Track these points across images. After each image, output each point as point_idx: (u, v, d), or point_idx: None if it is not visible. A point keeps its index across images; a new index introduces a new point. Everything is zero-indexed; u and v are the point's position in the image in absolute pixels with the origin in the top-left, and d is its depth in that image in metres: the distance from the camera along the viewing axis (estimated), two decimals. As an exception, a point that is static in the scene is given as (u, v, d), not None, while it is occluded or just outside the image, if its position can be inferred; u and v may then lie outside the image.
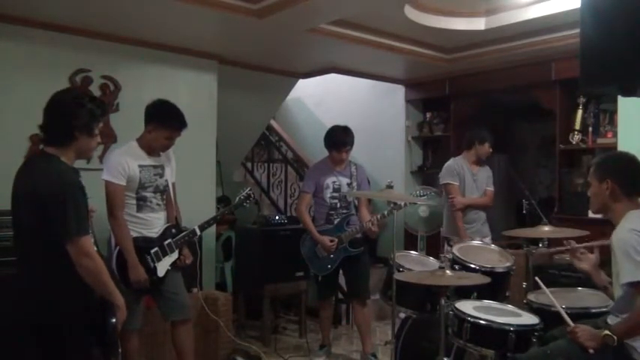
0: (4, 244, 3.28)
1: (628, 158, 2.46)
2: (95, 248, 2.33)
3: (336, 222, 4.04)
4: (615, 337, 2.17)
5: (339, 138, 4.02)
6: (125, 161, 3.10)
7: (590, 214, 4.61)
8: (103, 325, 2.23)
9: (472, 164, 4.51)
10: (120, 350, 2.30)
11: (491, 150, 4.52)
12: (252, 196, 3.62)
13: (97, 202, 2.93)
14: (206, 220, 3.39)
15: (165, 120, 3.16)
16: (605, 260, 4.13)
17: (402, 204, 3.79)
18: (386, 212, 3.91)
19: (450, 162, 4.58)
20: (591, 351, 2.20)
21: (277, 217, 4.93)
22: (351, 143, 4.05)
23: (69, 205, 2.14)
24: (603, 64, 2.12)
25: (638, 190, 2.41)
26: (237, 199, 3.61)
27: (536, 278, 2.83)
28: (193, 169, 4.45)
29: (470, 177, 4.47)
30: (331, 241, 3.94)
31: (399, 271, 3.19)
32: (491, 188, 4.51)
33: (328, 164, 4.11)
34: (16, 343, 2.30)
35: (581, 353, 2.23)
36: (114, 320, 2.24)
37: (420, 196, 4.44)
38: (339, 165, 4.08)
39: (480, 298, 3.01)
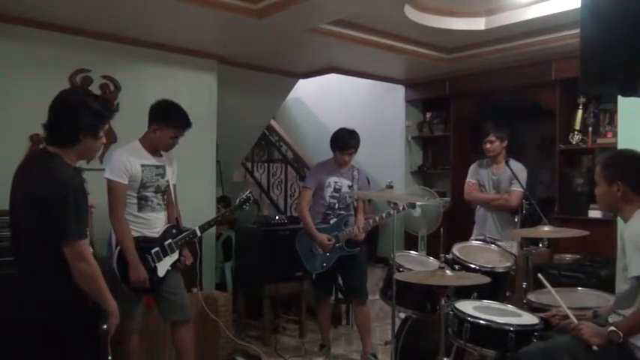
0: (4, 244, 3.28)
1: (634, 157, 2.44)
2: (91, 250, 2.31)
3: (332, 222, 4.04)
4: (621, 334, 2.17)
5: (343, 140, 4.03)
6: (128, 160, 3.11)
7: (590, 214, 4.65)
8: (96, 330, 2.19)
9: (493, 164, 4.22)
10: (110, 358, 2.26)
11: (491, 145, 4.13)
12: (252, 198, 3.62)
13: (96, 203, 2.94)
14: (206, 221, 3.40)
15: (170, 119, 3.17)
16: (604, 262, 4.15)
17: (401, 207, 3.78)
18: (384, 214, 3.92)
19: (476, 162, 4.42)
20: (595, 348, 2.20)
21: (277, 217, 4.93)
22: (356, 146, 4.05)
23: (69, 207, 2.09)
24: (603, 64, 2.11)
25: None
26: (237, 201, 3.62)
27: (539, 275, 2.83)
28: (193, 169, 4.45)
29: (486, 177, 4.25)
30: (329, 239, 3.95)
31: (399, 271, 3.19)
32: (516, 189, 4.05)
33: (332, 164, 4.13)
34: (13, 345, 2.26)
35: (585, 350, 2.22)
36: (105, 327, 2.20)
37: (419, 200, 4.39)
38: (342, 166, 4.09)
39: (480, 298, 3.01)
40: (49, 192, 2.12)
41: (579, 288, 3.21)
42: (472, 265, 3.27)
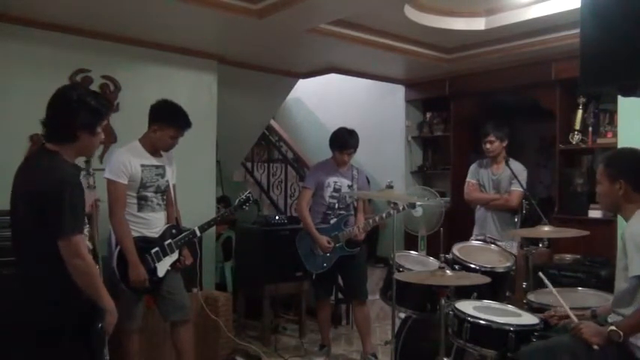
0: (4, 244, 3.28)
1: (639, 156, 2.44)
2: (91, 246, 2.32)
3: (332, 222, 4.04)
4: (621, 333, 2.16)
5: (343, 139, 4.03)
6: (128, 160, 3.11)
7: (590, 214, 4.65)
8: (91, 329, 2.20)
9: (493, 164, 4.22)
10: (107, 358, 2.27)
11: (491, 145, 4.12)
12: (251, 198, 3.62)
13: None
14: (206, 222, 3.40)
15: (171, 119, 3.18)
16: (604, 262, 4.15)
17: (401, 207, 3.78)
18: (384, 215, 3.91)
19: (476, 161, 4.42)
20: (596, 347, 2.20)
21: (277, 217, 4.93)
22: (355, 146, 4.05)
23: (65, 204, 2.10)
24: (603, 64, 2.12)
25: None
26: (237, 201, 3.62)
27: (540, 274, 2.83)
28: (193, 169, 4.45)
29: (486, 176, 4.24)
30: (329, 242, 3.94)
31: (399, 271, 3.19)
32: (516, 188, 4.05)
33: (331, 164, 4.12)
34: (12, 345, 2.26)
35: (585, 350, 2.22)
36: (101, 325, 2.20)
37: (419, 200, 4.38)
38: (342, 166, 4.09)
39: (480, 298, 3.01)
40: (48, 190, 2.12)
41: (579, 288, 3.21)
42: (472, 265, 3.27)
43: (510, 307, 2.86)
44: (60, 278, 2.14)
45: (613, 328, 2.19)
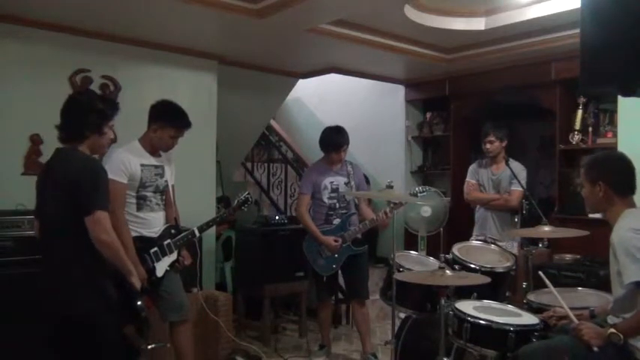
0: (4, 243, 3.28)
1: (617, 158, 2.46)
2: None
3: (335, 222, 4.04)
4: (621, 335, 2.16)
5: (335, 139, 4.02)
6: (127, 159, 3.11)
7: (590, 214, 4.64)
8: (131, 305, 2.51)
9: (493, 164, 4.24)
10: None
11: (491, 145, 4.14)
12: (250, 199, 3.62)
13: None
14: (205, 222, 3.40)
15: (171, 119, 3.19)
16: (604, 262, 4.14)
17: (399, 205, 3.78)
18: (388, 209, 3.90)
19: (476, 162, 4.44)
20: (595, 349, 2.20)
21: (277, 217, 4.93)
22: (347, 142, 4.06)
23: (100, 181, 2.39)
24: (603, 64, 2.12)
25: (630, 190, 2.41)
26: (236, 202, 3.61)
27: (540, 272, 2.83)
28: (193, 169, 4.45)
29: (486, 176, 4.26)
30: (335, 240, 3.94)
31: (399, 271, 3.19)
32: (516, 188, 4.07)
33: (324, 165, 4.11)
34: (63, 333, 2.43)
35: (584, 351, 2.22)
36: (140, 303, 2.51)
37: (420, 193, 4.36)
38: (336, 165, 4.09)
39: (480, 298, 3.01)
40: (84, 167, 2.39)
41: (579, 288, 3.21)
42: (472, 265, 3.27)
43: (510, 307, 2.86)
44: (94, 271, 2.41)
45: (613, 330, 2.19)
